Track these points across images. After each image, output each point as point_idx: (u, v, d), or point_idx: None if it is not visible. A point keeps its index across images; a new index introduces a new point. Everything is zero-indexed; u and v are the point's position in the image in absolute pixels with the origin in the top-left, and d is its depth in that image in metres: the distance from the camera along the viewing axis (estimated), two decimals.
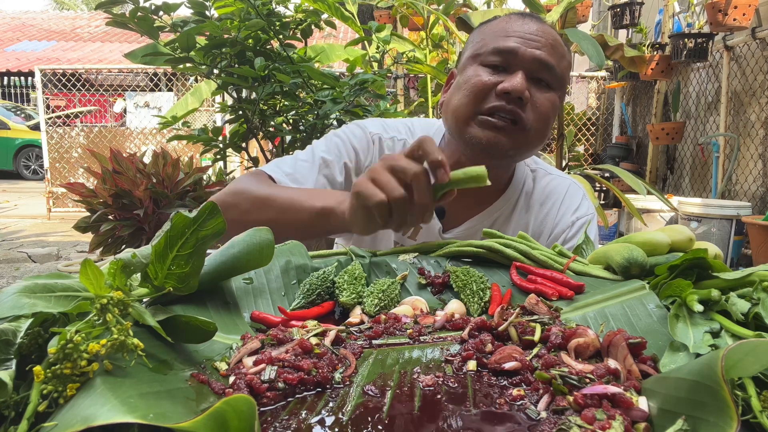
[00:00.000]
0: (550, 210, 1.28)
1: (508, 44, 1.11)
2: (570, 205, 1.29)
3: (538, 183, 1.31)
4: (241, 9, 2.70)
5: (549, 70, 1.12)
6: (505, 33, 1.13)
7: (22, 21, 18.81)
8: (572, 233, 1.26)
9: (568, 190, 1.31)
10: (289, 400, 0.57)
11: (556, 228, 1.27)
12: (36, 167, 12.54)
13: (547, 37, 1.13)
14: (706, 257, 0.71)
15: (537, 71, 1.11)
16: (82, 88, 8.37)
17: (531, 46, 1.11)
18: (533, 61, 1.10)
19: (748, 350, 0.45)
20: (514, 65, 1.10)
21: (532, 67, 1.10)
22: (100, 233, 3.47)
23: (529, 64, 1.10)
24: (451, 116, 1.17)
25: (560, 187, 1.31)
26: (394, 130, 1.30)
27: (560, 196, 1.30)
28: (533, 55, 1.10)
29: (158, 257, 0.65)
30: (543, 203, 1.29)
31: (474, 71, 1.13)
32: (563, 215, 1.28)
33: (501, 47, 1.11)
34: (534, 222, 1.28)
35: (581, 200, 1.31)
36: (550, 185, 1.31)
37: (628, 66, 5.23)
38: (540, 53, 1.11)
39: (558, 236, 1.27)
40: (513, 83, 1.08)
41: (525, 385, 0.58)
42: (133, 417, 0.42)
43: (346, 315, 0.80)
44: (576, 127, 7.15)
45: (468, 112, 1.12)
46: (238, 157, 3.81)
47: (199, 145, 3.24)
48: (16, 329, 0.54)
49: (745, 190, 4.73)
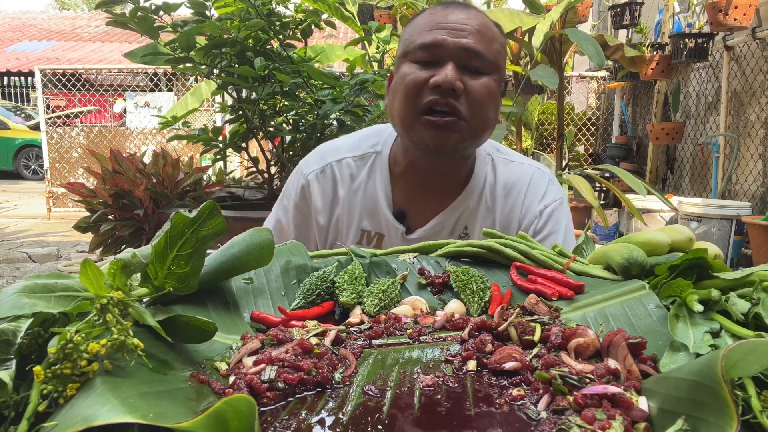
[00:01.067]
0: (515, 201, 1.27)
1: (434, 37, 1.10)
2: (535, 194, 1.27)
3: (499, 172, 1.29)
4: (241, 9, 2.70)
5: (479, 57, 1.10)
6: (430, 26, 1.12)
7: (22, 21, 18.81)
8: (541, 224, 1.25)
9: (531, 179, 1.28)
10: (289, 400, 0.57)
11: (524, 220, 1.26)
12: (36, 167, 12.54)
13: (473, 24, 1.12)
14: (706, 257, 0.71)
15: (466, 60, 1.10)
16: (82, 88, 8.36)
17: (457, 35, 1.10)
18: (461, 50, 1.09)
19: (748, 350, 0.45)
20: (443, 57, 1.09)
21: (461, 57, 1.09)
22: (100, 233, 3.47)
23: (457, 54, 1.09)
24: (395, 121, 1.18)
25: (523, 175, 1.29)
26: (335, 153, 1.32)
27: (524, 185, 1.27)
28: (460, 45, 1.09)
29: (158, 257, 0.65)
30: (507, 194, 1.27)
31: (406, 70, 1.13)
32: (529, 205, 1.26)
33: (427, 42, 1.11)
34: (501, 214, 1.27)
35: (546, 187, 1.28)
36: (513, 175, 1.29)
37: (628, 66, 5.23)
38: (467, 41, 1.09)
39: (527, 228, 1.25)
40: (443, 76, 1.07)
41: (525, 385, 0.58)
42: (133, 417, 0.42)
43: (346, 315, 0.80)
44: (576, 127, 7.15)
45: (409, 114, 1.12)
46: (238, 157, 3.81)
47: (199, 145, 3.24)
48: (16, 329, 0.54)
49: (745, 190, 4.73)
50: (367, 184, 1.28)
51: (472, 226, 1.26)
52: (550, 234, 1.24)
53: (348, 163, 1.30)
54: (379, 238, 1.28)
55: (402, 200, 1.27)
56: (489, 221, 1.26)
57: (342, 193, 1.29)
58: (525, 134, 6.71)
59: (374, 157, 1.29)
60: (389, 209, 1.26)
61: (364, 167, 1.29)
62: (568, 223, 1.29)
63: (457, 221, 1.26)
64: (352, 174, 1.30)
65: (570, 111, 7.16)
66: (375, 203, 1.27)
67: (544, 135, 7.09)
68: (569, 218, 1.30)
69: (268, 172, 3.39)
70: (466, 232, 1.26)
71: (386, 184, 1.26)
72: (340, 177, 1.30)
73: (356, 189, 1.29)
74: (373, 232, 1.28)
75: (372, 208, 1.27)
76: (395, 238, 1.26)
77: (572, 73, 7.53)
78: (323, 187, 1.30)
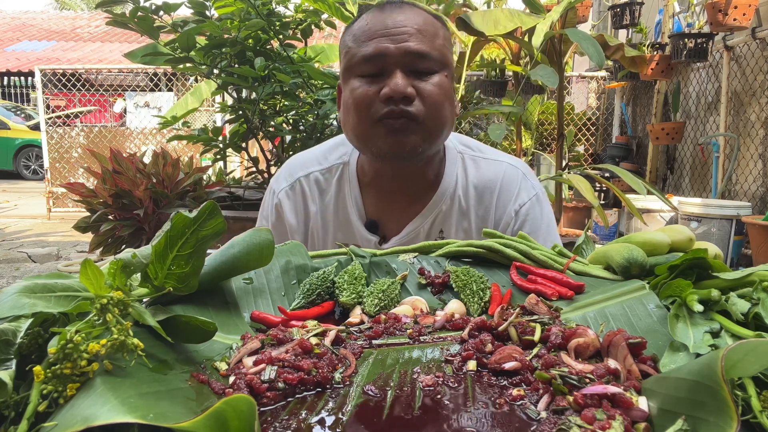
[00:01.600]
0: (488, 203, 1.23)
1: (376, 47, 1.07)
2: (509, 194, 1.23)
3: (470, 172, 1.24)
4: (241, 9, 2.70)
5: (425, 58, 1.07)
6: (369, 35, 1.08)
7: (22, 21, 18.81)
8: (518, 225, 1.21)
9: (503, 177, 1.23)
10: (289, 400, 0.57)
11: (500, 222, 1.22)
12: (36, 167, 12.54)
13: (413, 24, 1.08)
14: (706, 257, 0.71)
15: (413, 63, 1.06)
16: (82, 88, 8.36)
17: (398, 40, 1.06)
18: (405, 54, 1.06)
19: (748, 350, 0.45)
20: (389, 66, 1.06)
21: (406, 62, 1.06)
22: (100, 233, 3.47)
23: (402, 59, 1.06)
24: (352, 137, 1.15)
25: (495, 174, 1.24)
26: (302, 168, 1.29)
27: (496, 185, 1.23)
28: (403, 50, 1.06)
29: (158, 257, 0.65)
30: (480, 196, 1.23)
31: (354, 86, 1.10)
32: (504, 207, 1.22)
33: (369, 53, 1.07)
34: (475, 217, 1.23)
35: (520, 184, 1.23)
36: (484, 175, 1.24)
37: (628, 66, 5.22)
38: (409, 44, 1.06)
39: (504, 231, 1.21)
40: (393, 86, 1.04)
41: (525, 385, 0.58)
42: (133, 417, 0.42)
43: (346, 315, 0.80)
44: (576, 127, 7.14)
45: (364, 128, 1.10)
46: (238, 157, 3.81)
47: (199, 145, 3.24)
48: (16, 329, 0.54)
49: (745, 190, 4.73)
50: (338, 197, 1.26)
51: (448, 230, 1.23)
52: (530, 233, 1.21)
53: (316, 178, 1.28)
54: None
55: (374, 210, 1.24)
56: (464, 224, 1.23)
57: (313, 208, 1.27)
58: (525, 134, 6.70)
59: (341, 169, 1.27)
60: (361, 221, 1.23)
61: (333, 180, 1.27)
62: (548, 218, 1.25)
63: (432, 226, 1.22)
64: (321, 188, 1.27)
65: (570, 111, 7.16)
66: (346, 216, 1.24)
67: (544, 135, 7.09)
68: (549, 212, 1.26)
69: (268, 172, 3.39)
70: (442, 236, 1.23)
71: (356, 195, 1.24)
72: (309, 192, 1.27)
73: (327, 203, 1.27)
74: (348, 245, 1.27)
75: (344, 221, 1.25)
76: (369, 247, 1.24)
77: (572, 73, 7.52)
78: (294, 203, 1.28)
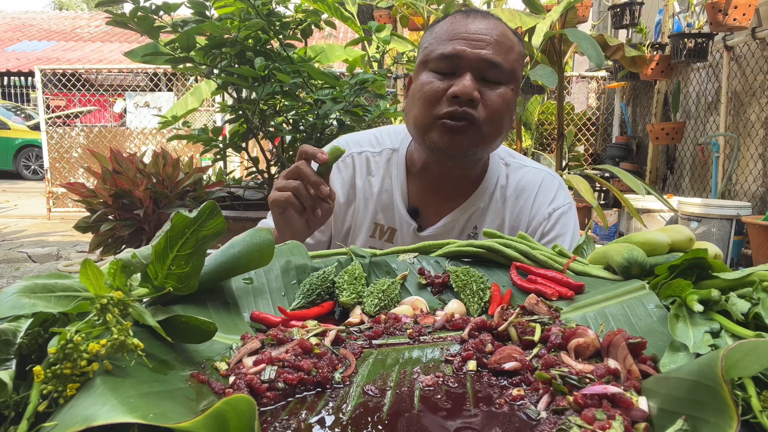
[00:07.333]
0: (525, 203, 1.29)
1: (454, 48, 1.13)
2: (545, 197, 1.30)
3: (512, 176, 1.32)
4: (241, 9, 2.70)
5: (496, 68, 1.13)
6: (450, 36, 1.14)
7: (22, 21, 18.80)
8: (549, 226, 1.27)
9: (542, 182, 1.31)
10: (289, 400, 0.57)
11: (533, 221, 1.28)
12: (36, 167, 12.54)
13: (492, 34, 1.14)
14: (706, 257, 0.71)
15: (484, 71, 1.13)
16: (82, 88, 8.37)
17: (476, 47, 1.12)
18: (479, 61, 1.12)
19: (748, 350, 0.45)
20: (462, 68, 1.12)
21: (479, 67, 1.12)
22: (100, 233, 3.47)
23: (475, 65, 1.12)
24: (411, 126, 1.21)
25: (534, 179, 1.32)
26: (357, 145, 1.36)
27: (534, 188, 1.30)
28: (479, 56, 1.12)
29: (158, 257, 0.65)
30: (518, 196, 1.30)
31: (425, 78, 1.16)
32: (539, 208, 1.29)
33: (446, 52, 1.13)
34: (510, 216, 1.29)
35: (557, 191, 1.31)
36: (524, 178, 1.32)
37: (628, 66, 5.23)
38: (485, 53, 1.12)
39: (535, 230, 1.28)
40: (461, 87, 1.10)
41: (525, 385, 0.58)
42: (133, 417, 0.42)
43: (346, 315, 0.80)
44: (576, 127, 7.15)
45: (425, 120, 1.16)
46: (238, 157, 3.81)
47: (199, 145, 3.24)
48: (16, 329, 0.54)
49: (745, 190, 4.73)
50: (384, 179, 1.32)
51: (482, 226, 1.29)
52: (557, 237, 1.26)
53: (367, 157, 1.34)
54: (391, 232, 1.31)
55: (416, 198, 1.30)
56: (498, 222, 1.29)
57: (359, 183, 1.33)
58: (525, 134, 6.71)
59: (392, 155, 1.33)
60: (404, 205, 1.30)
61: (382, 163, 1.33)
62: (575, 228, 1.31)
63: (468, 221, 1.28)
64: (370, 167, 1.34)
65: (570, 111, 7.16)
66: (390, 198, 1.31)
67: (544, 135, 7.09)
68: (577, 224, 1.32)
69: (268, 172, 3.39)
70: (476, 232, 1.29)
71: (402, 181, 1.30)
72: (359, 168, 1.34)
73: (373, 182, 1.33)
74: (386, 226, 1.32)
75: (387, 203, 1.31)
76: (407, 233, 1.29)
77: (572, 73, 7.52)
78: (343, 175, 1.34)
